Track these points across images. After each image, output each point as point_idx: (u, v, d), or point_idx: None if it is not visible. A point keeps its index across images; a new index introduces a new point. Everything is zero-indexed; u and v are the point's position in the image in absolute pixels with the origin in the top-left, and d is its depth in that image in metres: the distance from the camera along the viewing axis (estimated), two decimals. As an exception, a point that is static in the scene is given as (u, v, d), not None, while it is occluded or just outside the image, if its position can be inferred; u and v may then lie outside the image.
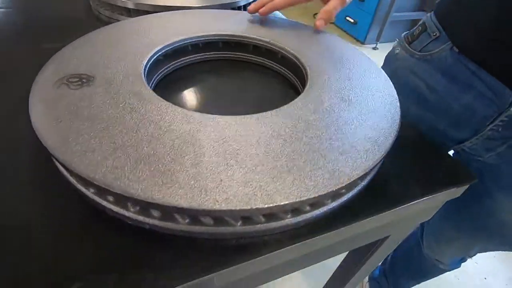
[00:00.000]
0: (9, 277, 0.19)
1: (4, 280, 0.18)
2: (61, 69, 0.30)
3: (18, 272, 0.19)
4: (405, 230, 0.35)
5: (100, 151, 0.21)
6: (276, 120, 0.26)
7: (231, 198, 0.19)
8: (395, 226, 0.32)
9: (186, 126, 0.24)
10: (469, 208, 0.44)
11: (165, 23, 0.41)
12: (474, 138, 0.39)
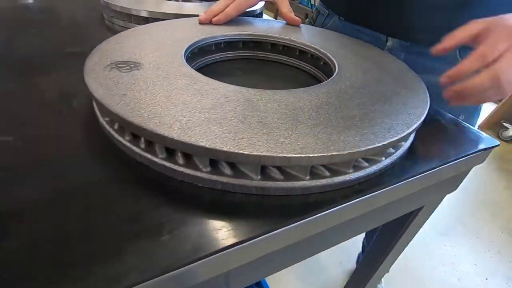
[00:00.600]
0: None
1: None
2: (106, 57, 0.31)
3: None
4: (437, 200, 0.37)
5: (171, 116, 0.22)
6: (320, 93, 0.28)
7: (305, 148, 0.21)
8: (429, 195, 0.34)
9: (243, 96, 0.26)
10: None
11: (192, 25, 0.43)
12: None
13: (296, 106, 0.26)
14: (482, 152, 0.31)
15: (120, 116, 0.22)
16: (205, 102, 0.25)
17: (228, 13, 0.44)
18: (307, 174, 0.22)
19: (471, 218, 1.44)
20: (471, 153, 0.30)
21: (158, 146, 0.23)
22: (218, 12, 0.44)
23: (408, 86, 0.32)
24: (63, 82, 0.35)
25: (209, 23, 0.44)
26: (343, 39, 0.45)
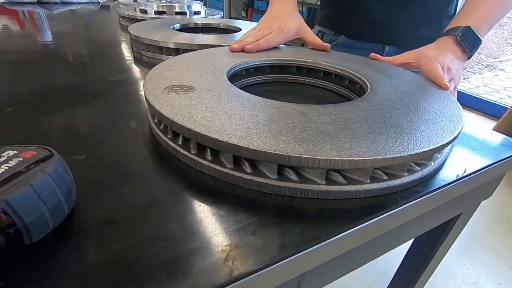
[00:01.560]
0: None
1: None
2: (161, 83, 0.33)
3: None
4: (473, 207, 0.38)
5: (238, 129, 0.24)
6: (362, 106, 0.31)
7: (368, 151, 0.22)
8: (466, 201, 0.35)
9: (295, 110, 0.28)
10: None
11: (225, 53, 0.47)
12: None
13: (346, 117, 0.28)
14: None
15: (192, 130, 0.24)
16: (264, 116, 0.27)
17: (260, 44, 0.48)
18: (368, 178, 0.24)
19: (487, 236, 1.42)
20: (506, 158, 0.32)
21: (225, 157, 0.24)
22: (250, 43, 0.48)
23: (437, 96, 0.34)
24: (116, 106, 0.37)
25: (239, 51, 0.48)
26: (363, 59, 0.48)
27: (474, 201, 0.37)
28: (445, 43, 0.45)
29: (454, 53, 0.44)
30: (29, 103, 0.37)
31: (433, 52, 0.44)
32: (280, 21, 0.52)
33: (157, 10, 0.89)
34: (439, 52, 0.44)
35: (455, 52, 0.44)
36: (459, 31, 0.44)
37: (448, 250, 0.42)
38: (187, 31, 0.77)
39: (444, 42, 0.45)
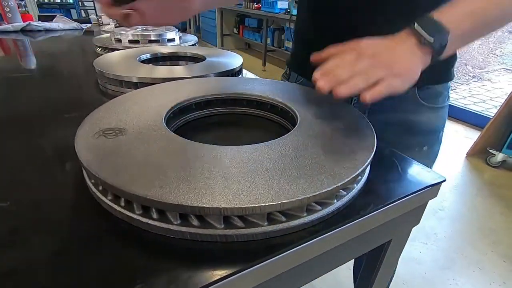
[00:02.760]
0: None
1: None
2: (96, 126, 0.35)
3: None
4: (403, 233, 0.39)
5: (147, 177, 0.26)
6: (280, 145, 0.33)
7: (260, 199, 0.24)
8: (393, 229, 0.36)
9: (211, 154, 0.30)
10: None
11: (173, 88, 0.49)
12: None
13: (257, 159, 0.30)
14: (432, 188, 0.35)
15: (104, 180, 0.26)
16: (178, 162, 0.29)
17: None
18: (265, 221, 0.26)
19: (472, 249, 1.42)
20: (419, 189, 0.34)
21: (135, 204, 0.26)
22: None
23: (359, 132, 0.36)
24: (58, 146, 0.39)
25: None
26: (309, 92, 0.51)
27: (402, 228, 0.39)
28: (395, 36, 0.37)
29: (398, 42, 0.36)
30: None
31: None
32: None
33: (131, 39, 0.93)
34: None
35: (402, 41, 0.36)
36: (418, 20, 0.36)
37: (391, 273, 0.43)
38: (155, 60, 0.80)
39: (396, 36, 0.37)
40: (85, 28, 1.42)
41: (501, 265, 1.34)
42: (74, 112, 0.50)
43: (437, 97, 0.58)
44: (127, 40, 0.93)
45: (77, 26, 1.39)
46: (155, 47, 0.85)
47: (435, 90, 0.57)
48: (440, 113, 0.60)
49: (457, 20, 0.36)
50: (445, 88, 0.59)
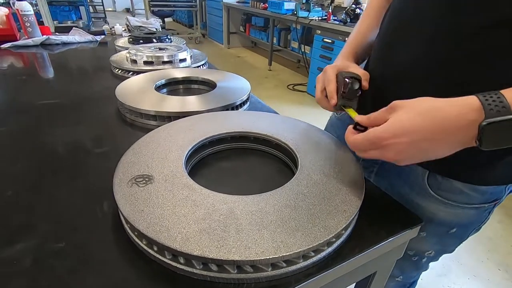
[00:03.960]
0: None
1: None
2: (127, 173, 0.42)
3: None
4: (387, 265, 0.46)
5: (175, 229, 0.33)
6: (283, 194, 0.39)
7: (265, 252, 0.31)
8: (377, 263, 0.43)
9: (225, 206, 0.37)
10: None
11: (188, 126, 0.56)
12: None
13: (263, 210, 0.36)
14: (412, 229, 0.41)
15: (140, 231, 0.33)
16: (199, 213, 0.36)
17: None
18: (269, 267, 0.32)
19: (468, 256, 1.47)
20: (401, 231, 0.40)
21: (166, 252, 0.33)
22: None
23: (351, 181, 0.43)
24: (96, 186, 0.46)
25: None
26: (317, 134, 0.56)
27: (387, 261, 0.45)
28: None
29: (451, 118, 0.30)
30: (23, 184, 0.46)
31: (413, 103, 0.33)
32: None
33: (146, 61, 0.99)
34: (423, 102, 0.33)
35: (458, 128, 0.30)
36: (490, 94, 0.29)
37: None
38: (169, 85, 0.86)
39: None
40: (99, 39, 1.49)
41: (496, 273, 1.39)
42: (104, 146, 0.57)
43: (455, 193, 0.47)
44: (142, 62, 0.99)
45: (92, 39, 1.45)
46: (169, 71, 0.91)
47: (451, 184, 0.47)
48: (461, 212, 0.49)
49: None
50: (472, 189, 0.46)
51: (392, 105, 0.36)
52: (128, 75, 0.96)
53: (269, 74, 4.01)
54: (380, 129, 0.34)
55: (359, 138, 0.37)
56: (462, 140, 0.31)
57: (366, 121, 0.39)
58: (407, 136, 0.32)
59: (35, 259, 0.34)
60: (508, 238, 1.58)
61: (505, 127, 0.27)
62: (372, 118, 0.38)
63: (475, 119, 0.29)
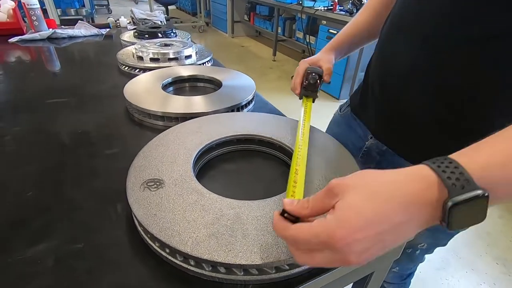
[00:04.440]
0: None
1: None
2: (139, 177, 0.44)
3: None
4: (385, 266, 0.48)
5: (184, 233, 0.35)
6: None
7: (269, 256, 0.33)
8: (375, 264, 0.45)
9: (232, 211, 0.39)
10: None
11: (195, 129, 0.58)
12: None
13: (268, 216, 0.39)
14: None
15: (153, 234, 0.35)
16: (208, 218, 0.38)
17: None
18: (273, 270, 0.35)
19: (467, 251, 1.50)
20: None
21: (177, 254, 0.36)
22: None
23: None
24: (108, 188, 0.49)
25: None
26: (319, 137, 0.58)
27: (384, 262, 0.47)
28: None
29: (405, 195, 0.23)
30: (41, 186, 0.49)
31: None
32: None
33: (152, 58, 1.00)
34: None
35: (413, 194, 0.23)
36: (442, 160, 0.24)
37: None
38: (176, 83, 0.88)
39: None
40: (104, 33, 1.49)
41: (494, 267, 1.42)
42: (114, 147, 0.59)
43: None
44: (148, 59, 1.00)
45: (98, 32, 1.46)
46: (175, 69, 0.92)
47: None
48: None
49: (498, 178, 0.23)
50: None
51: (333, 187, 0.26)
52: (135, 72, 0.98)
53: (273, 65, 3.99)
54: (332, 224, 0.24)
55: (303, 234, 0.25)
56: (424, 224, 0.24)
57: (299, 210, 0.28)
58: (372, 228, 0.23)
59: (56, 259, 0.37)
60: (508, 233, 1.60)
61: (473, 205, 0.22)
62: (310, 207, 0.28)
63: (438, 197, 0.23)
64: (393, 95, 0.56)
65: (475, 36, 0.41)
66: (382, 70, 0.59)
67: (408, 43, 0.50)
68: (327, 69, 0.66)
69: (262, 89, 2.89)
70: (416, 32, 0.49)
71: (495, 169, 0.23)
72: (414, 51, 0.49)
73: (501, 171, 0.22)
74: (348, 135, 0.71)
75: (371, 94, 0.63)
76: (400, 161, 0.58)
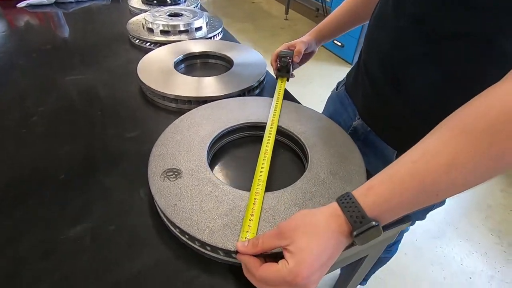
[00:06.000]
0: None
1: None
2: (159, 166, 0.49)
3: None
4: (378, 250, 0.54)
5: (203, 223, 0.40)
6: (293, 193, 0.45)
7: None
8: (370, 249, 0.50)
9: (243, 203, 0.44)
10: None
11: (208, 115, 0.61)
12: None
13: (275, 209, 0.43)
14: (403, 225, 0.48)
15: (174, 223, 0.40)
16: (222, 209, 0.43)
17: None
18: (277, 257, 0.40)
19: (464, 221, 1.57)
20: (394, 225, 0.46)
21: (196, 241, 0.41)
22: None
23: (354, 181, 0.48)
24: (132, 172, 0.54)
25: None
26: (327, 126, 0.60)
27: (379, 247, 0.53)
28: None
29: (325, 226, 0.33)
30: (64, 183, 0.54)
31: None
32: None
33: (162, 30, 0.99)
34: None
35: (328, 225, 0.32)
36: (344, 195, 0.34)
37: (364, 275, 0.59)
38: (187, 59, 0.88)
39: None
40: (112, -4, 1.44)
41: (488, 238, 1.50)
42: (133, 131, 0.63)
43: None
44: (158, 31, 0.99)
45: (105, -5, 1.41)
46: (186, 44, 0.91)
47: None
48: None
49: (388, 205, 0.31)
50: None
51: (283, 232, 0.34)
52: (146, 45, 0.97)
53: (285, 24, 3.80)
54: (295, 268, 0.31)
55: (272, 276, 0.32)
56: (345, 245, 0.34)
57: (251, 250, 0.36)
58: (320, 260, 0.31)
59: (93, 238, 0.43)
60: (507, 207, 1.65)
61: (369, 232, 0.31)
62: (260, 246, 0.35)
63: (348, 230, 0.32)
64: (376, 79, 0.58)
65: (443, 34, 0.45)
66: (366, 54, 0.61)
67: (390, 29, 0.53)
68: (297, 50, 0.75)
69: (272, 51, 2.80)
70: (393, 24, 0.51)
71: (382, 205, 0.32)
72: (393, 39, 0.52)
73: (387, 204, 0.31)
74: (341, 113, 0.74)
75: (360, 74, 0.64)
76: (383, 144, 0.61)
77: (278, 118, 0.61)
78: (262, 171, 0.48)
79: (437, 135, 0.32)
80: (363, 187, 0.34)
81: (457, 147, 0.29)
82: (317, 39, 0.80)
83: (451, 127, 0.31)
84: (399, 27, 0.50)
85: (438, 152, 0.30)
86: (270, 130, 0.57)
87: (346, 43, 2.82)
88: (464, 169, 0.29)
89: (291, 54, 0.75)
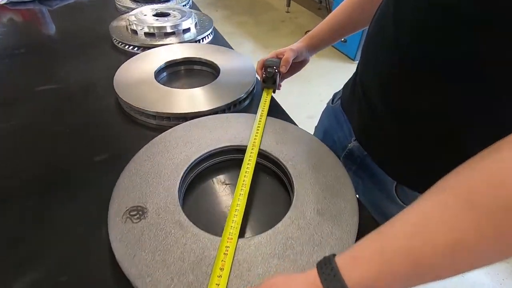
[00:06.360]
0: None
1: None
2: (122, 203, 0.43)
3: None
4: None
5: (163, 281, 0.35)
6: (273, 239, 0.39)
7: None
8: None
9: (214, 253, 0.38)
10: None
11: (186, 137, 0.54)
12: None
13: (251, 261, 0.37)
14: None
15: (130, 281, 0.35)
16: (189, 260, 0.37)
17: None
18: (252, 321, 0.34)
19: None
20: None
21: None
22: None
23: (344, 225, 0.42)
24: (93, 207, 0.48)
25: None
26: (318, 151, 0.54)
27: None
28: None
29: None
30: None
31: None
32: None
33: (147, 32, 0.92)
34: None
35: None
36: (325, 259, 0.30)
37: None
38: (170, 67, 0.81)
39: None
40: (98, -8, 1.36)
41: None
42: (103, 153, 0.57)
43: None
44: (143, 33, 0.92)
45: (91, -9, 1.33)
46: (170, 49, 0.85)
47: (417, 195, 0.39)
48: None
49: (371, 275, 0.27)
50: None
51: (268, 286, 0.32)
52: (129, 49, 0.90)
53: (286, 17, 3.68)
54: None
55: None
56: None
57: None
58: None
59: (41, 292, 0.38)
60: None
61: None
62: None
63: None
64: (372, 99, 0.51)
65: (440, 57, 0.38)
66: (364, 68, 0.55)
67: (388, 47, 0.45)
68: (284, 59, 0.68)
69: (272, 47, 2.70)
70: (391, 27, 0.44)
71: (368, 283, 0.27)
72: (391, 59, 0.45)
73: (375, 284, 0.27)
74: (336, 130, 0.68)
75: (357, 89, 0.57)
76: (381, 171, 0.55)
77: (260, 140, 0.54)
78: (236, 213, 0.42)
79: (439, 200, 0.26)
80: (349, 254, 0.30)
81: (464, 225, 0.24)
82: (309, 46, 0.73)
83: (456, 193, 0.25)
84: (400, 45, 0.43)
85: (439, 226, 0.25)
86: (250, 157, 0.51)
87: (348, 38, 2.71)
88: (469, 253, 0.24)
89: (277, 64, 0.68)
